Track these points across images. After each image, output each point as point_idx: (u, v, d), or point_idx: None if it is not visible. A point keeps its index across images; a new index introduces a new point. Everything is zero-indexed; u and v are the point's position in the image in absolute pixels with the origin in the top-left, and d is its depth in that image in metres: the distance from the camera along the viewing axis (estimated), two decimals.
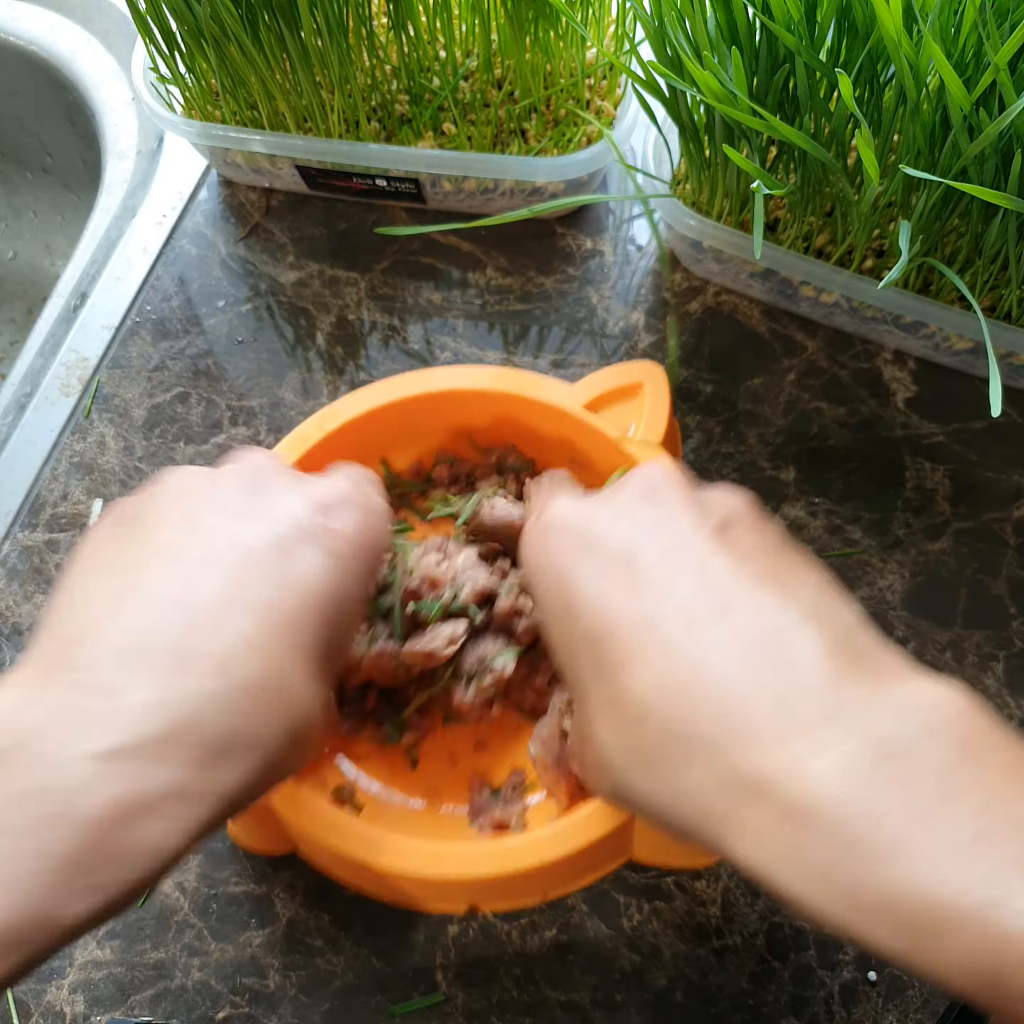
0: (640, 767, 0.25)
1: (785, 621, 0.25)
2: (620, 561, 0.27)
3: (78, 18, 0.68)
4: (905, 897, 0.20)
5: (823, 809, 0.21)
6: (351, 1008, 0.41)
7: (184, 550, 0.27)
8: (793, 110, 0.43)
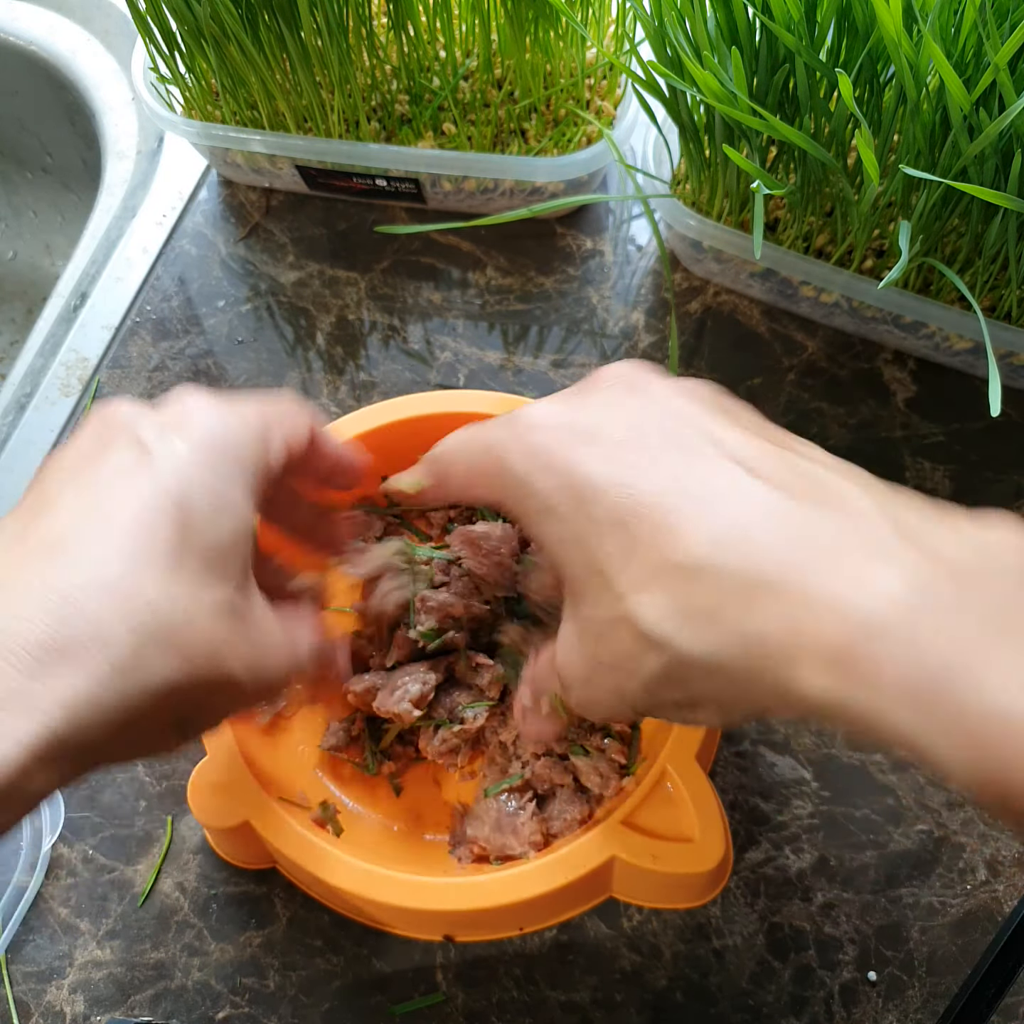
0: (698, 624, 0.24)
1: (818, 473, 0.25)
2: (630, 441, 0.26)
3: (78, 18, 0.68)
4: (979, 710, 0.20)
5: (896, 620, 0.21)
6: (351, 1008, 0.41)
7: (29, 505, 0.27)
8: (793, 110, 0.43)
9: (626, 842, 0.35)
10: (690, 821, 0.35)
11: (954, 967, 0.41)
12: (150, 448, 0.27)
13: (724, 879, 0.36)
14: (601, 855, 0.35)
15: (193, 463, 0.27)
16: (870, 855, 0.43)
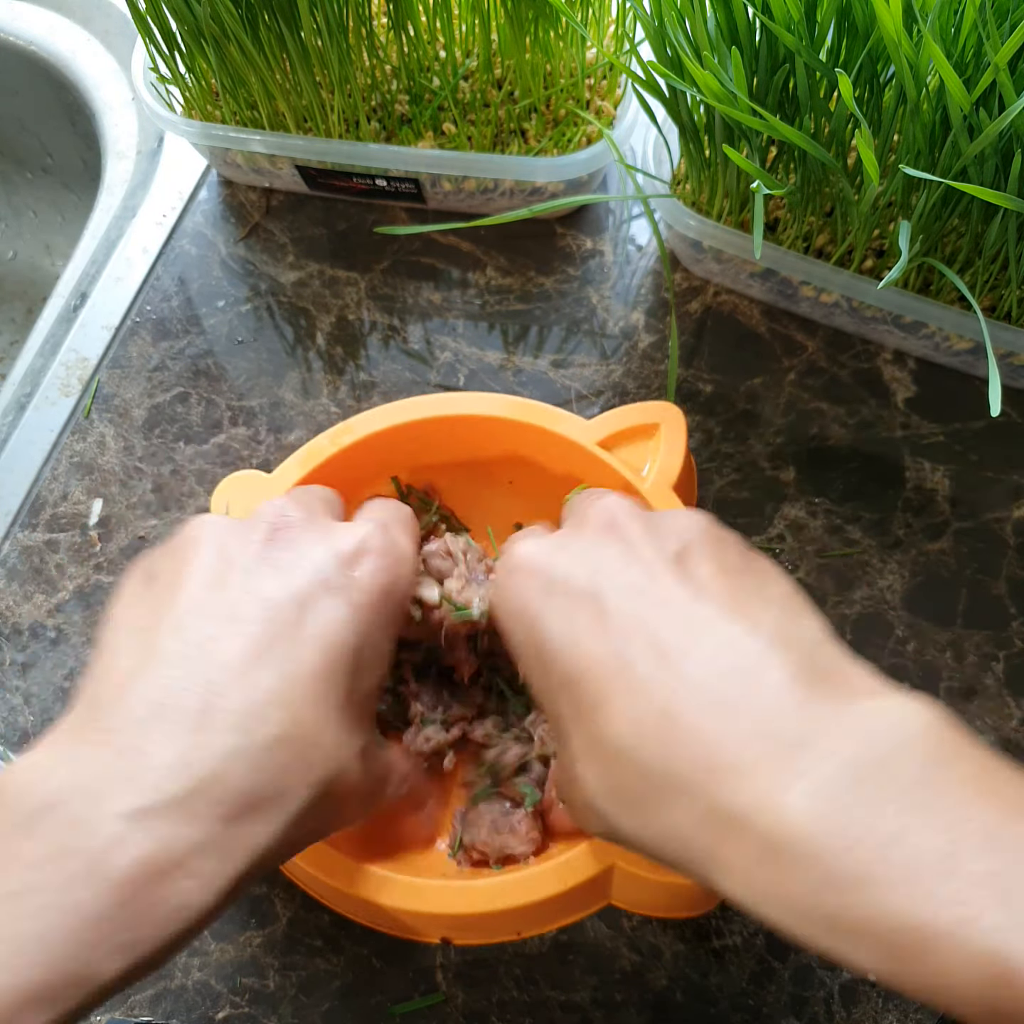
0: (624, 807, 0.25)
1: (750, 651, 0.25)
2: (585, 601, 0.28)
3: (78, 18, 0.68)
4: (882, 921, 0.20)
5: (797, 841, 0.22)
6: (351, 1008, 0.41)
7: (206, 607, 0.28)
8: (793, 110, 0.43)
9: (625, 851, 0.35)
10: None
11: None
12: (335, 587, 0.29)
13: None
14: (600, 863, 0.35)
15: (371, 615, 0.29)
16: None
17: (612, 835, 0.27)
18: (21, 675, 0.47)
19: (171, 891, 0.23)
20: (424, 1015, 0.41)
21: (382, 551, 0.31)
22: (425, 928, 0.37)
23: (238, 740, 0.25)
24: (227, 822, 0.24)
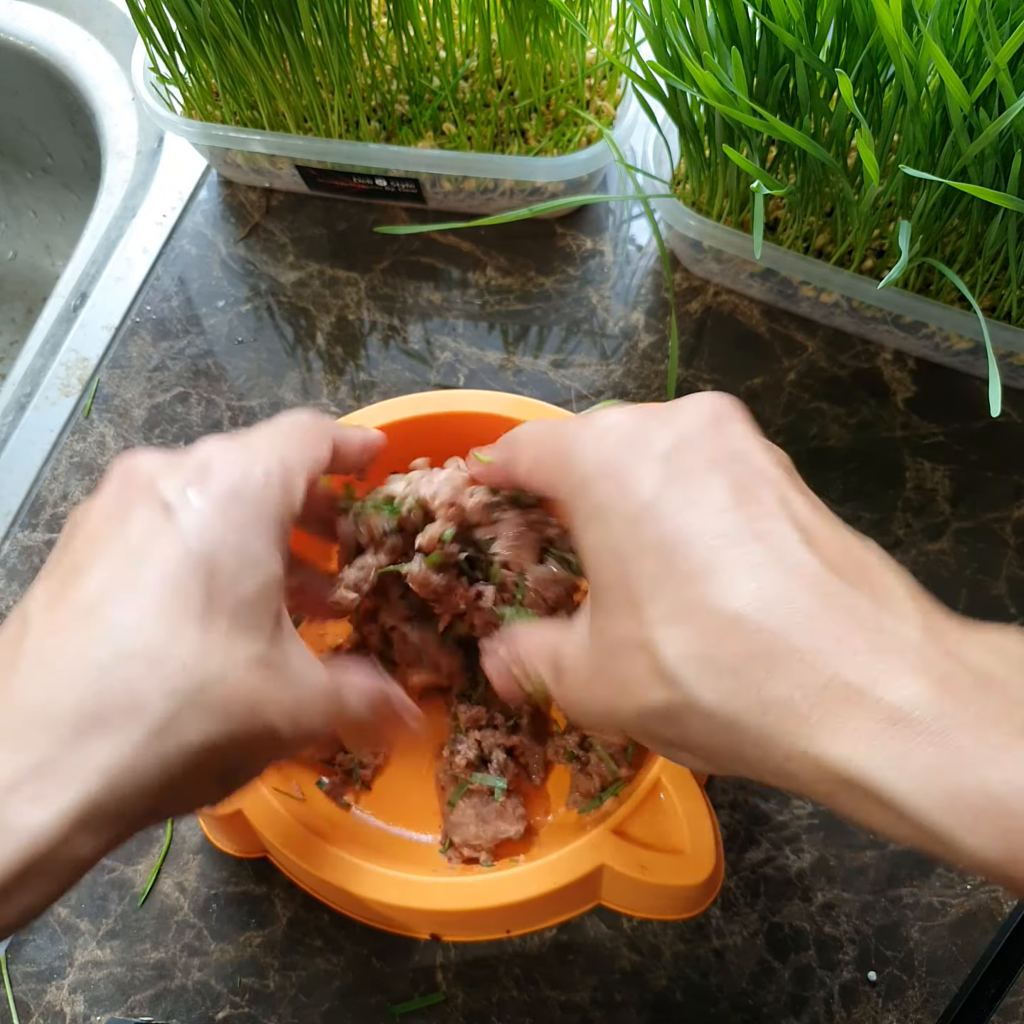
0: (718, 674, 0.24)
1: (869, 559, 0.25)
2: (699, 476, 0.26)
3: (78, 18, 0.68)
4: (1011, 800, 0.20)
5: (930, 715, 0.21)
6: (351, 1008, 0.41)
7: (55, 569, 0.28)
8: (793, 110, 0.43)
9: (616, 851, 0.35)
10: (681, 833, 0.35)
11: (954, 967, 0.41)
12: (173, 507, 0.28)
13: (714, 893, 0.36)
14: (590, 863, 0.35)
15: (216, 521, 0.28)
16: (870, 855, 0.43)
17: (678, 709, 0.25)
18: None
19: (11, 817, 0.23)
20: (424, 1015, 0.41)
21: (224, 458, 0.30)
22: (413, 924, 0.37)
23: (72, 663, 0.25)
24: (64, 743, 0.24)
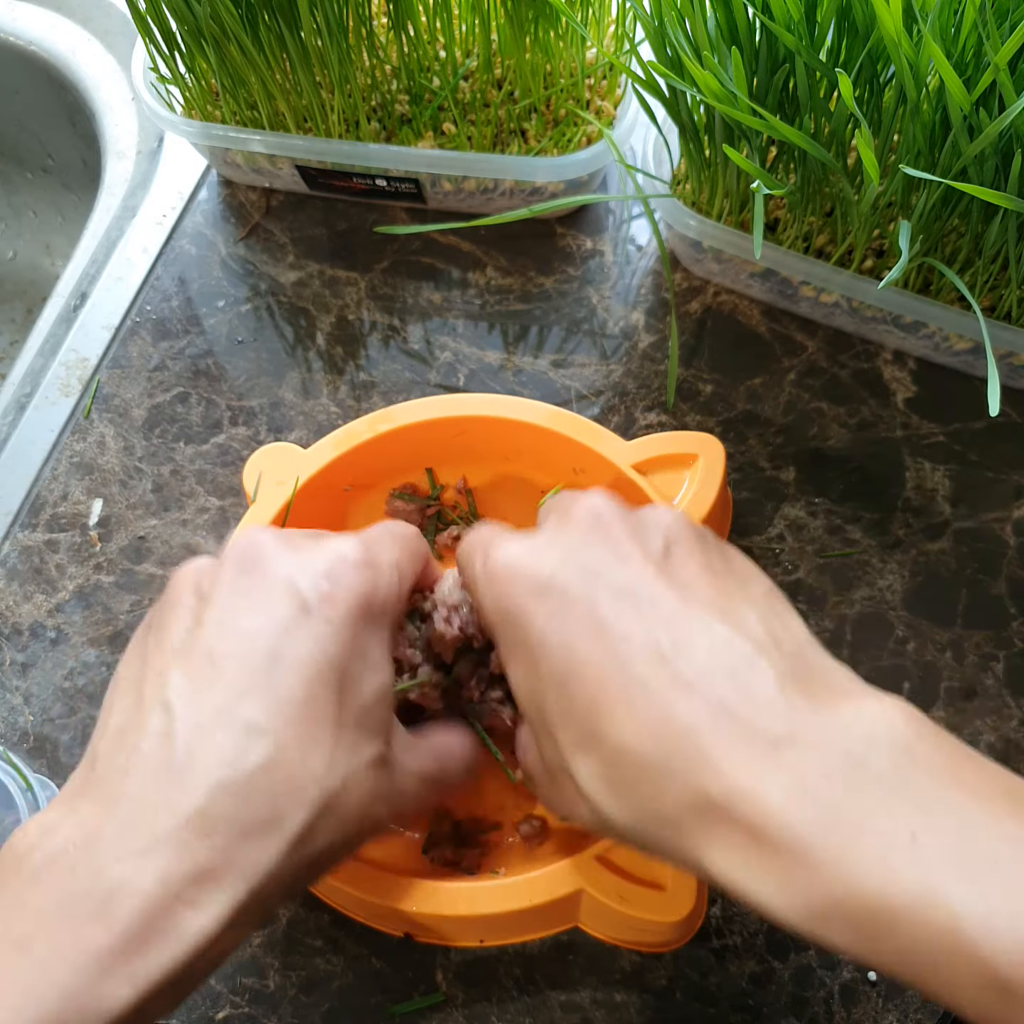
0: (622, 799, 0.26)
1: (741, 652, 0.26)
2: (577, 603, 0.28)
3: (78, 18, 0.68)
4: (850, 899, 0.22)
5: (777, 827, 0.23)
6: (351, 1008, 0.41)
7: (185, 651, 0.29)
8: (793, 110, 0.43)
9: (596, 878, 0.35)
10: (664, 869, 0.35)
11: None
12: (310, 609, 0.29)
13: (692, 931, 0.36)
14: (568, 886, 0.35)
15: (347, 628, 0.29)
16: None
17: (603, 825, 0.28)
18: (21, 675, 0.47)
19: (170, 919, 0.25)
20: (424, 1015, 0.41)
21: (357, 562, 0.31)
22: (389, 921, 0.37)
23: (220, 774, 0.26)
24: (219, 851, 0.25)
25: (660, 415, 0.52)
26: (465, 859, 0.39)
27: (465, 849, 0.40)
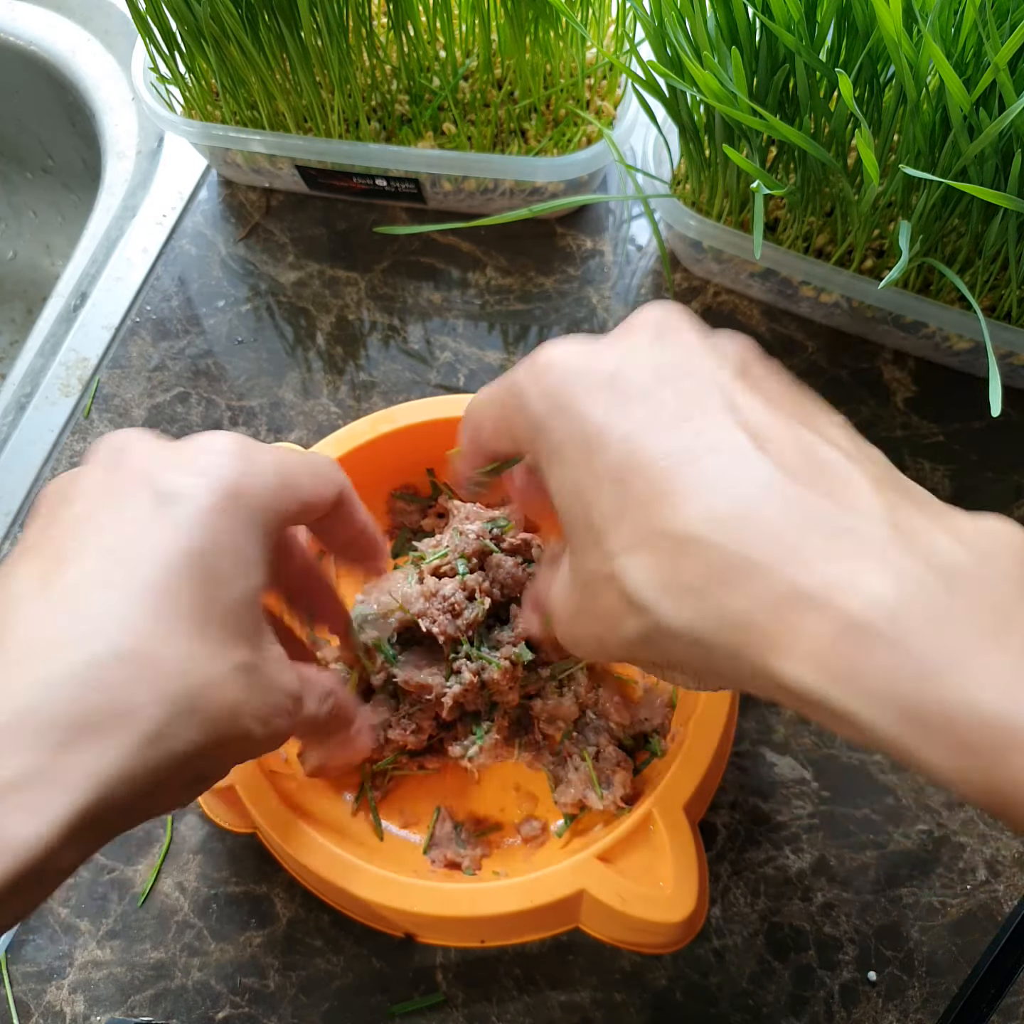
0: (681, 596, 0.24)
1: (828, 456, 0.24)
2: (645, 397, 0.26)
3: (78, 18, 0.68)
4: (966, 714, 0.20)
5: (884, 622, 0.21)
6: (351, 1008, 0.41)
7: (41, 548, 0.27)
8: (793, 110, 0.43)
9: (597, 878, 0.35)
10: (666, 870, 0.35)
11: (954, 967, 0.41)
12: (169, 498, 0.27)
13: (693, 933, 0.36)
14: (569, 887, 0.35)
15: (213, 519, 0.27)
16: (870, 855, 0.43)
17: (652, 635, 0.25)
18: None
19: (2, 825, 0.22)
20: (424, 1015, 0.41)
21: (224, 453, 0.28)
22: (390, 920, 0.37)
23: (64, 663, 0.23)
24: (57, 748, 0.23)
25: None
26: (466, 860, 0.40)
27: (466, 850, 0.40)
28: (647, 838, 0.36)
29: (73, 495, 0.28)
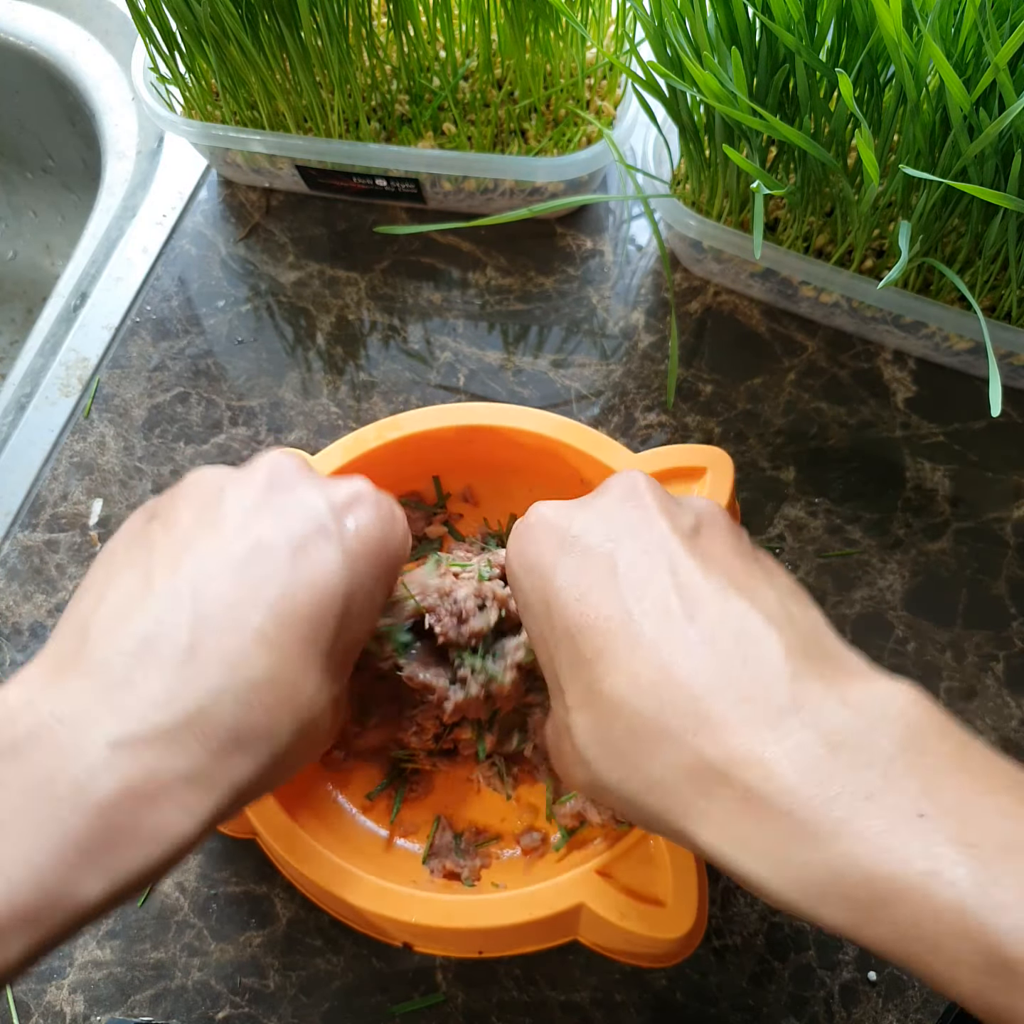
0: (612, 758, 0.26)
1: (752, 623, 0.26)
2: (598, 559, 0.28)
3: (78, 18, 0.68)
4: (851, 873, 0.21)
5: (777, 793, 0.22)
6: (351, 1008, 0.41)
7: (199, 544, 0.28)
8: (793, 110, 0.43)
9: (597, 893, 0.35)
10: (665, 886, 0.35)
11: None
12: (330, 532, 0.29)
13: (691, 948, 0.36)
14: (568, 900, 0.35)
15: (362, 563, 0.29)
16: None
17: (595, 786, 0.27)
18: None
19: (156, 817, 0.24)
20: (424, 1015, 0.41)
21: (376, 503, 0.32)
22: (388, 930, 0.37)
23: (226, 677, 0.25)
24: (213, 755, 0.25)
25: (660, 415, 0.52)
26: (465, 870, 0.39)
27: (465, 860, 0.40)
28: (647, 853, 0.36)
29: (231, 499, 0.30)
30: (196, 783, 0.24)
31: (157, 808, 0.24)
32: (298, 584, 0.28)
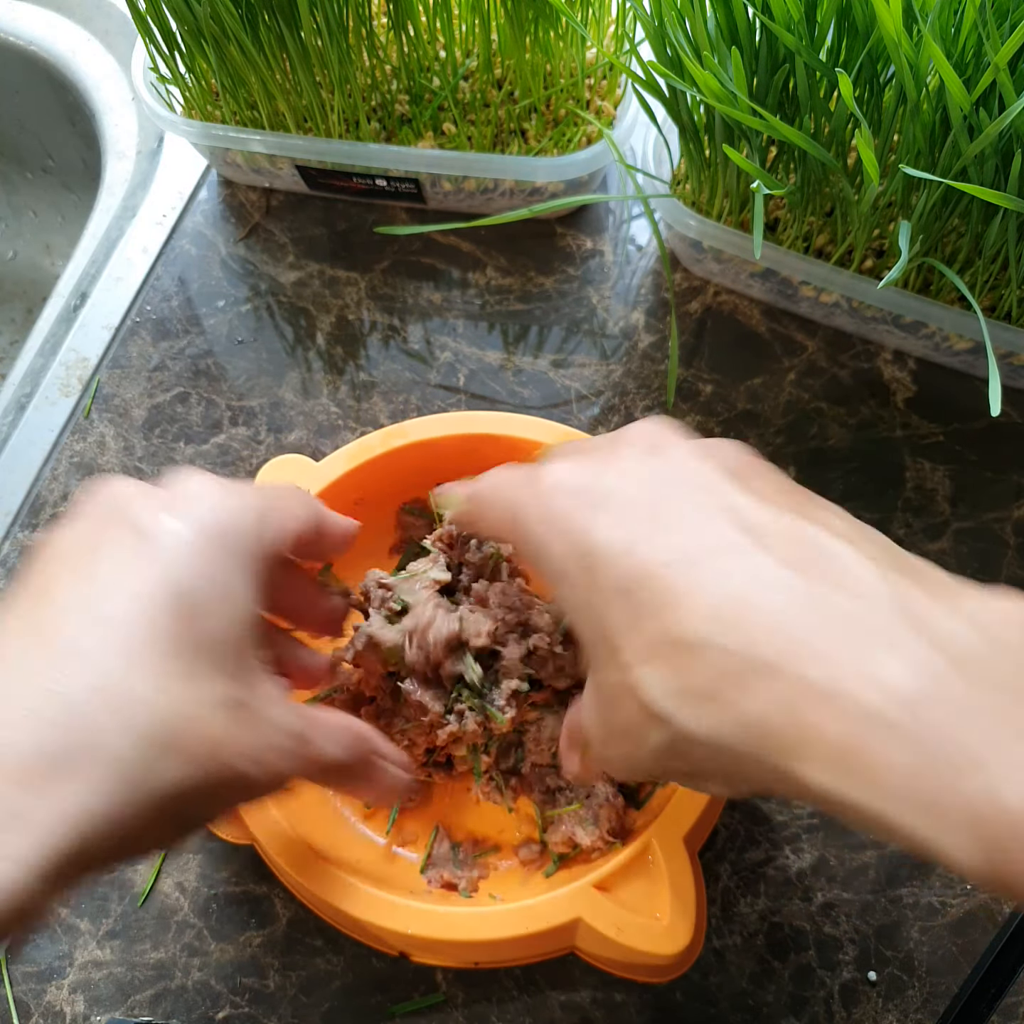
0: (698, 704, 0.23)
1: (829, 545, 0.24)
2: (641, 509, 0.26)
3: (78, 18, 0.68)
4: (989, 809, 0.19)
5: (902, 715, 0.20)
6: (351, 1008, 0.41)
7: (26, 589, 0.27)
8: (793, 110, 0.43)
9: (594, 906, 0.35)
10: (663, 901, 0.35)
11: (954, 967, 0.41)
12: (147, 533, 0.27)
13: (688, 964, 0.36)
14: (565, 914, 0.35)
15: (193, 550, 0.27)
16: (870, 855, 0.43)
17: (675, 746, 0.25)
18: None
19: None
20: (424, 1015, 0.41)
21: (204, 492, 0.29)
22: (384, 940, 0.37)
23: (34, 697, 0.23)
24: (29, 789, 0.22)
25: (660, 415, 0.52)
26: (463, 881, 0.39)
27: (463, 871, 0.40)
28: (645, 868, 0.35)
29: (58, 541, 0.28)
30: (12, 826, 0.22)
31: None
32: (108, 590, 0.26)
